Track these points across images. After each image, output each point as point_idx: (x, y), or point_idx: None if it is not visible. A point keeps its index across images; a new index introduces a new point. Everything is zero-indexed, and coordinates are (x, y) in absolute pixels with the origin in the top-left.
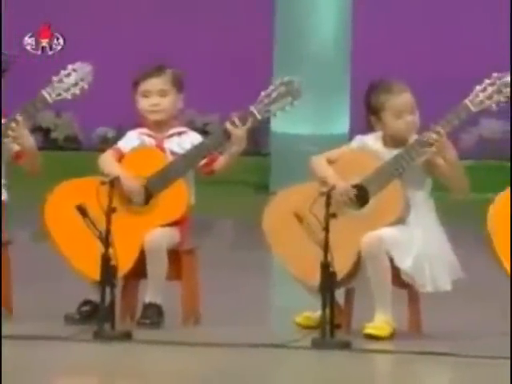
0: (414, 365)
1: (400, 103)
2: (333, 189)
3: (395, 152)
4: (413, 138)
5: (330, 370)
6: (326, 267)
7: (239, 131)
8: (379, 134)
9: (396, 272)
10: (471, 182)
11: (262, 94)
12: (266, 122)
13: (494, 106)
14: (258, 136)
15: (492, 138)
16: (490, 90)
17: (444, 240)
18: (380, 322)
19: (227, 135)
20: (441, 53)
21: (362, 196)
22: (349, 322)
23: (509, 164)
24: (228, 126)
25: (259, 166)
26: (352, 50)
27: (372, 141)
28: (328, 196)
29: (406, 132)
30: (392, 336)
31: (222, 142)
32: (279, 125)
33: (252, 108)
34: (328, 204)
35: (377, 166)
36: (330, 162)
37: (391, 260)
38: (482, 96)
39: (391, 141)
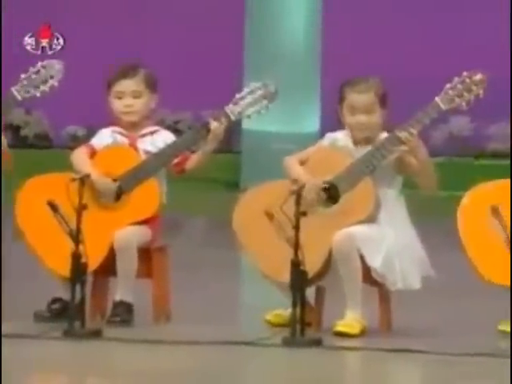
0: (384, 362)
1: (354, 101)
2: (303, 187)
3: (365, 149)
4: (382, 135)
5: (300, 368)
6: (296, 265)
7: (219, 129)
8: (349, 131)
9: (367, 270)
10: (441, 179)
11: (237, 95)
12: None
13: (464, 104)
14: (229, 134)
15: (461, 135)
16: (459, 88)
17: (414, 237)
18: (350, 320)
19: (207, 132)
20: (411, 52)
21: (332, 194)
22: (319, 319)
23: (477, 161)
24: (212, 123)
25: (230, 163)
26: (322, 49)
27: (342, 137)
28: (298, 194)
29: (355, 130)
30: (362, 333)
31: (196, 140)
32: (250, 123)
33: (226, 109)
34: (298, 202)
35: (348, 163)
36: (303, 162)
37: (362, 258)
38: (452, 94)
39: (360, 138)
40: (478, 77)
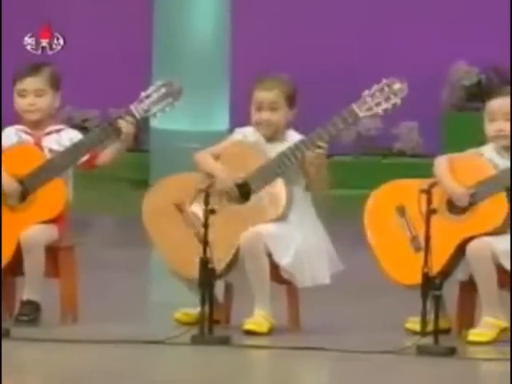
0: (292, 360)
1: (260, 98)
2: (211, 185)
3: (275, 145)
4: (292, 134)
5: (208, 366)
6: (205, 263)
7: (131, 129)
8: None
9: (275, 268)
10: (349, 178)
11: (142, 94)
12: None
13: (380, 111)
14: (138, 132)
15: (369, 134)
16: (378, 96)
17: (322, 233)
18: (259, 318)
19: (117, 132)
20: (321, 47)
21: (244, 192)
22: (228, 317)
23: (384, 160)
24: (121, 123)
25: (139, 162)
26: (231, 46)
27: (251, 133)
28: (207, 193)
29: (259, 127)
30: (271, 331)
31: (102, 139)
32: (159, 121)
33: (132, 107)
34: (207, 201)
35: (261, 160)
36: (215, 157)
37: (270, 256)
38: (370, 102)
39: (266, 135)
40: (397, 86)
